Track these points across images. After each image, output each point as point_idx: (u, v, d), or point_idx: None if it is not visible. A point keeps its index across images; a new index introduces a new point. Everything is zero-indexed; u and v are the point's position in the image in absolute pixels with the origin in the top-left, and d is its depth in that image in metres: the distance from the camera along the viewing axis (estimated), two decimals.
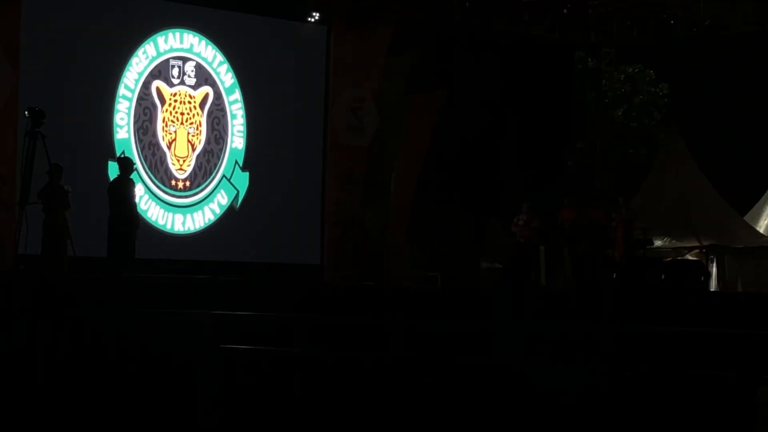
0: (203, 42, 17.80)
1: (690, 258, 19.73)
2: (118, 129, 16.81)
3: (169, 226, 17.35)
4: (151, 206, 17.06)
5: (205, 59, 17.81)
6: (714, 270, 19.79)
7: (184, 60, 17.60)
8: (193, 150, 17.67)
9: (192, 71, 17.65)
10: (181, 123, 17.54)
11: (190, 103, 17.63)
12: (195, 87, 17.70)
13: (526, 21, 20.44)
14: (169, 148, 17.38)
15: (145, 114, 17.14)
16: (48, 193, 13.01)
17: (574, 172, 24.22)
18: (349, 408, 6.44)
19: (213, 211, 17.88)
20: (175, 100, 17.47)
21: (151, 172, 17.14)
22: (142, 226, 14.69)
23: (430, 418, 6.25)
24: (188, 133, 17.59)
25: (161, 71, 17.32)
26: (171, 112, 17.41)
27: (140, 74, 17.08)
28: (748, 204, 21.87)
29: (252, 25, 18.42)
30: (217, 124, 17.98)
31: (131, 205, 13.83)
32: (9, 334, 7.94)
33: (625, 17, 21.53)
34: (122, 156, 15.68)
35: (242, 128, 18.24)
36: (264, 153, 18.34)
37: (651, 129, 26.90)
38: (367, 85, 19.29)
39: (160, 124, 17.30)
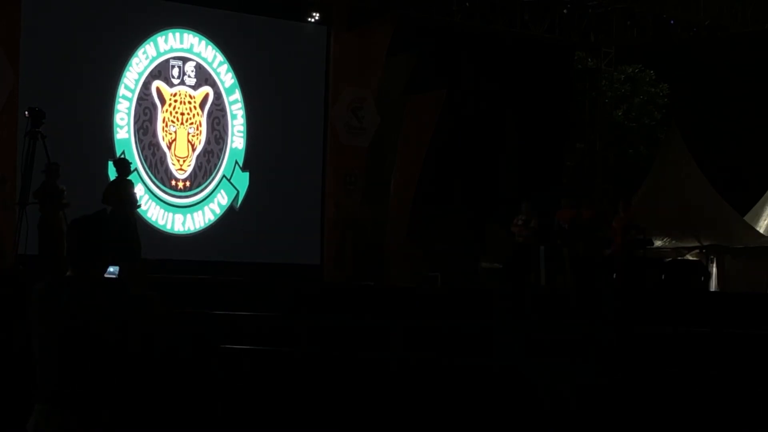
0: (203, 42, 17.79)
1: (690, 258, 19.71)
2: (118, 129, 16.81)
3: (169, 227, 17.35)
4: (151, 206, 17.05)
5: (205, 59, 17.81)
6: (714, 270, 19.77)
7: (184, 60, 17.60)
8: (193, 150, 17.67)
9: (192, 71, 17.64)
10: (181, 123, 17.53)
11: (190, 103, 17.63)
12: (195, 87, 17.70)
13: (526, 21, 20.46)
14: (169, 148, 17.38)
15: (145, 114, 17.14)
16: (43, 192, 13.01)
17: (574, 172, 24.24)
18: (349, 408, 6.45)
19: (213, 212, 17.87)
20: (175, 100, 17.47)
21: (151, 173, 17.13)
22: (142, 227, 14.68)
23: (430, 418, 6.25)
24: (188, 133, 17.59)
25: (161, 71, 17.32)
26: (171, 113, 17.40)
27: (140, 74, 17.08)
28: (748, 204, 21.87)
29: (252, 25, 18.41)
30: (217, 124, 17.97)
31: (130, 206, 13.82)
32: (8, 334, 7.93)
33: (624, 17, 21.54)
34: (120, 157, 15.67)
35: (242, 128, 18.23)
36: (264, 153, 18.34)
37: (651, 129, 26.95)
38: (367, 85, 19.29)
39: (160, 124, 17.30)
